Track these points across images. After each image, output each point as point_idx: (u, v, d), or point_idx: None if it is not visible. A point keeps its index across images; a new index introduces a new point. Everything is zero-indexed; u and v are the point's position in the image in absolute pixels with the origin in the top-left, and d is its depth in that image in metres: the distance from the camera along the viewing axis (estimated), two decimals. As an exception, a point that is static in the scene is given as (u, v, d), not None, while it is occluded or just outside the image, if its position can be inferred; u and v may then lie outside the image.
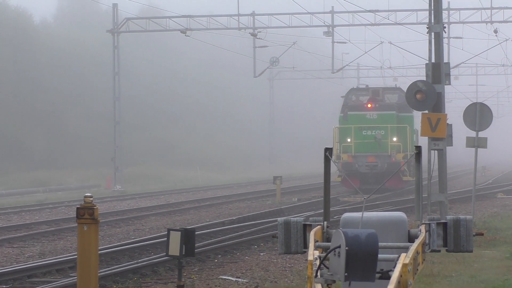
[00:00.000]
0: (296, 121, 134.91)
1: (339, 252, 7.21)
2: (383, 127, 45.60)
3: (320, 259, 7.52)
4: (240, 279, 20.95)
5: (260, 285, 20.04)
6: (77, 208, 11.76)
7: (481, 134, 34.21)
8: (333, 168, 44.54)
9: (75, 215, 11.79)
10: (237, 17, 67.26)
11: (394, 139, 46.29)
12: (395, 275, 7.36)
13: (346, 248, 7.23)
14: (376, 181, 45.07)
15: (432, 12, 34.51)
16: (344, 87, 77.63)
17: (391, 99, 52.62)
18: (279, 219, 10.56)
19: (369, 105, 47.23)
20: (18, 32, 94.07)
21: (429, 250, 10.24)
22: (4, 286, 20.10)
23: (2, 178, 73.85)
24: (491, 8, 61.17)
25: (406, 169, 44.73)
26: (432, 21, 34.73)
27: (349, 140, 47.35)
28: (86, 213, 11.63)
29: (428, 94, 33.02)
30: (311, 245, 8.79)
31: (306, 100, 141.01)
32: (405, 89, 37.51)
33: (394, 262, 7.87)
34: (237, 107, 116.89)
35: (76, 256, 12.32)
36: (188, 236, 16.04)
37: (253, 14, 67.62)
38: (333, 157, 46.24)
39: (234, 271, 22.27)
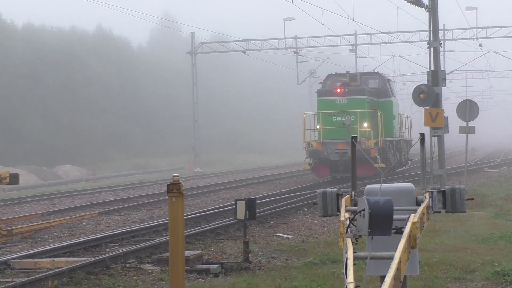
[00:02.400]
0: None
1: (363, 214, 7.19)
2: (352, 112, 35.93)
3: (349, 220, 7.52)
4: (290, 236, 20.91)
5: (305, 240, 19.99)
6: (168, 185, 11.75)
7: (470, 123, 34.03)
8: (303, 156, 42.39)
9: (167, 190, 11.78)
10: (283, 39, 67.17)
11: (365, 125, 36.52)
12: (406, 230, 7.35)
13: (369, 211, 7.22)
14: (346, 168, 36.07)
15: (431, 32, 34.41)
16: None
17: (371, 84, 41.89)
18: (318, 190, 10.56)
19: (338, 90, 37.34)
20: (120, 54, 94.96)
21: (432, 212, 10.21)
22: (115, 244, 20.20)
23: (111, 164, 74.24)
24: (477, 27, 60.68)
25: (377, 156, 35.36)
26: (431, 39, 34.57)
27: (318, 126, 38.24)
28: (174, 189, 11.63)
29: (429, 94, 32.87)
30: (343, 209, 8.78)
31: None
32: (410, 90, 37.35)
33: (405, 221, 7.84)
34: (285, 107, 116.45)
35: (167, 221, 12.30)
36: (250, 204, 16.04)
37: (295, 37, 67.40)
38: (304, 145, 38.74)
39: (285, 230, 22.22)
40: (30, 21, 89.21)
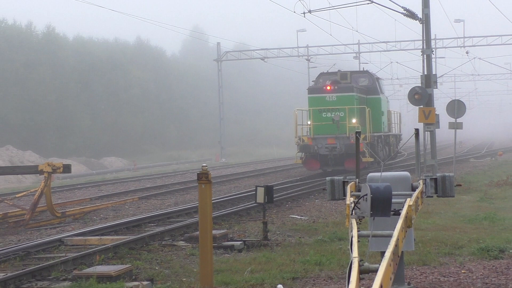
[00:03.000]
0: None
1: (366, 198, 7.18)
2: (341, 108, 33.36)
3: (354, 203, 7.51)
4: (302, 217, 20.87)
5: (315, 221, 19.95)
6: (198, 173, 11.73)
7: (458, 120, 33.91)
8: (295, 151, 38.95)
9: (197, 178, 11.78)
10: (296, 48, 67.22)
11: (353, 120, 33.88)
12: (403, 212, 7.34)
13: (371, 195, 7.21)
14: (335, 162, 34.26)
15: (424, 41, 34.26)
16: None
17: (361, 82, 38.80)
18: (327, 178, 10.59)
19: (328, 88, 34.51)
20: (156, 62, 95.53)
21: (425, 196, 10.20)
22: (153, 224, 20.22)
23: (149, 155, 74.56)
24: (464, 37, 60.44)
25: (365, 150, 32.83)
26: (424, 47, 34.42)
27: (309, 122, 35.23)
28: (203, 177, 11.62)
29: (422, 95, 32.75)
30: (348, 194, 8.79)
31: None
32: (406, 92, 37.32)
33: (402, 204, 7.83)
34: (298, 107, 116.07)
35: (198, 204, 12.30)
36: (268, 190, 16.03)
37: (307, 46, 67.45)
38: (295, 139, 36.19)
39: (298, 212, 22.18)
40: (80, 34, 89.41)
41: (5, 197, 26.12)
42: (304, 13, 36.69)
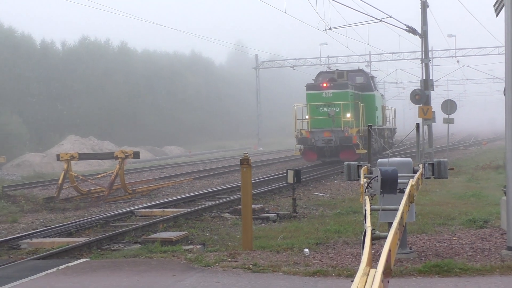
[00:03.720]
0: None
1: (377, 179, 7.18)
2: (337, 104, 30.44)
3: (367, 183, 7.49)
4: (324, 194, 20.82)
5: (335, 197, 19.90)
6: (240, 159, 11.76)
7: (451, 116, 33.74)
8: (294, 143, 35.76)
9: (240, 163, 11.82)
10: (319, 58, 67.07)
11: (348, 115, 30.98)
12: (407, 190, 7.29)
13: (381, 177, 7.19)
14: (331, 154, 31.48)
15: (423, 52, 34.12)
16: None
17: (357, 80, 35.51)
18: (345, 163, 10.53)
19: (324, 85, 31.74)
20: (207, 70, 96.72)
21: (424, 177, 10.12)
22: (204, 200, 20.29)
23: (200, 145, 74.91)
24: (455, 49, 60.02)
25: (358, 142, 30.40)
26: (423, 57, 34.24)
27: (307, 117, 32.24)
28: (245, 162, 11.63)
29: (422, 96, 32.55)
30: (362, 175, 8.75)
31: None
32: (408, 93, 36.36)
33: (406, 184, 7.78)
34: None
35: (240, 184, 12.33)
36: (297, 172, 16.03)
37: (328, 57, 67.32)
38: (295, 133, 32.76)
39: (321, 190, 22.12)
40: (146, 48, 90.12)
41: (89, 178, 26.38)
42: (325, 29, 36.61)
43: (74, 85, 71.48)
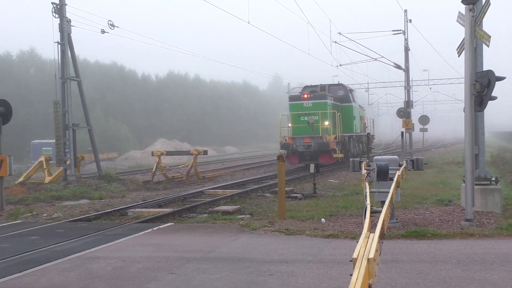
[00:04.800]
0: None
1: (374, 170, 7.13)
2: (316, 113, 25.59)
3: (367, 173, 7.44)
4: (335, 181, 20.63)
5: (343, 183, 19.71)
6: (277, 156, 11.74)
7: (425, 126, 33.26)
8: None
9: (276, 158, 11.79)
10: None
11: (326, 123, 25.89)
12: (395, 178, 7.17)
13: (377, 169, 7.12)
14: (311, 158, 25.77)
15: (405, 81, 33.65)
16: (371, 111, 75.14)
17: (337, 93, 29.72)
18: (350, 159, 10.43)
19: (305, 96, 26.69)
20: (253, 95, 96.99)
21: (407, 170, 9.95)
22: (252, 184, 20.26)
23: (249, 145, 75.23)
24: (428, 79, 59.16)
25: (335, 148, 25.39)
26: (406, 85, 33.78)
27: (289, 125, 27.10)
28: (280, 158, 11.61)
29: (405, 112, 32.20)
30: (363, 168, 8.66)
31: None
32: (395, 110, 35.57)
33: (394, 174, 7.67)
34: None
35: (277, 173, 12.30)
36: (317, 165, 15.93)
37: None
38: (280, 139, 26.68)
39: (333, 177, 21.92)
40: (213, 78, 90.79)
41: (172, 168, 26.66)
42: (337, 66, 36.63)
43: (163, 104, 72.61)
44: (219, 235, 9.71)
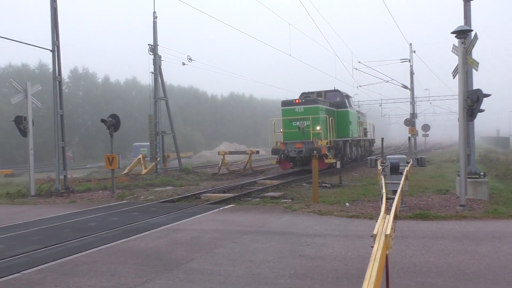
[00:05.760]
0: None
1: (388, 166, 6.93)
2: (307, 118, 20.46)
3: (382, 168, 7.24)
4: (356, 174, 20.13)
5: (363, 176, 19.25)
6: (313, 154, 11.60)
7: (427, 132, 32.09)
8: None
9: (312, 157, 11.62)
10: (356, 102, 64.86)
11: (318, 128, 20.58)
12: (404, 173, 6.96)
13: (390, 165, 6.92)
14: (303, 163, 20.63)
15: (411, 98, 32.50)
16: (384, 121, 72.89)
17: (333, 99, 23.86)
18: (368, 157, 10.16)
19: (297, 101, 21.50)
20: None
21: (413, 166, 9.60)
22: (292, 176, 19.98)
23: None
24: (429, 96, 56.96)
25: (327, 153, 19.89)
26: (411, 101, 32.62)
27: (282, 130, 21.58)
28: (315, 156, 11.43)
29: (411, 121, 31.12)
30: (379, 164, 8.42)
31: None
32: (403, 120, 34.28)
33: (404, 169, 7.43)
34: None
35: (309, 169, 12.10)
36: (342, 162, 15.61)
37: (358, 101, 65.16)
38: (273, 144, 20.97)
39: (355, 172, 21.39)
40: (263, 97, 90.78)
41: (233, 163, 26.76)
42: (357, 86, 35.89)
43: (226, 116, 73.32)
44: (268, 214, 9.68)
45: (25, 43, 14.85)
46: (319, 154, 19.00)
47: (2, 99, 49.86)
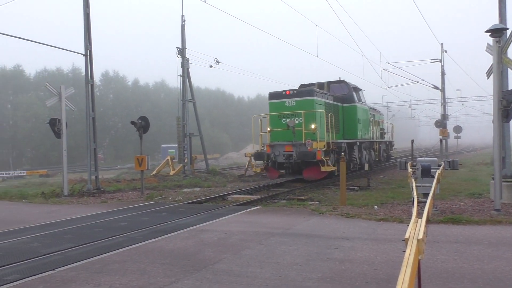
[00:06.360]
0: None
1: (419, 169, 6.76)
2: (300, 113, 14.60)
3: (412, 171, 7.08)
4: (385, 177, 19.73)
5: (392, 178, 18.86)
6: (340, 157, 11.41)
7: (458, 134, 31.20)
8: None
9: (340, 160, 11.47)
10: (382, 103, 63.50)
11: (313, 126, 14.68)
12: (436, 176, 6.78)
13: (421, 168, 6.75)
14: (293, 171, 15.42)
15: (442, 99, 31.64)
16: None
17: (338, 91, 18.52)
18: (397, 160, 9.94)
19: (287, 92, 15.20)
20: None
21: (445, 169, 9.33)
22: (320, 179, 19.83)
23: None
24: (461, 97, 55.24)
25: (323, 158, 14.55)
26: (442, 102, 31.75)
27: (268, 129, 15.78)
28: (342, 158, 11.28)
29: (441, 123, 30.29)
30: (409, 167, 8.23)
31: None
32: (433, 121, 33.38)
33: (435, 172, 7.24)
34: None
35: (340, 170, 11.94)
36: (370, 164, 15.37)
37: (387, 103, 63.87)
38: (259, 147, 16.60)
39: (383, 174, 20.99)
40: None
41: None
42: (386, 87, 35.34)
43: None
44: (295, 216, 9.62)
45: (60, 48, 15.38)
46: (312, 159, 14.93)
47: (38, 102, 51.73)
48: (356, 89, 19.55)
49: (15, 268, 5.80)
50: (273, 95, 16.34)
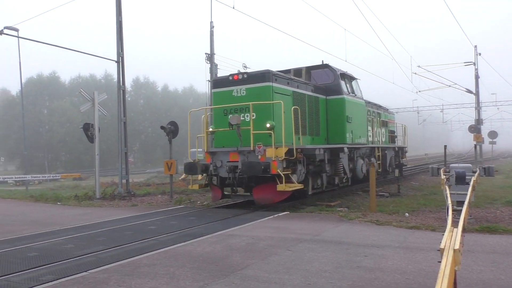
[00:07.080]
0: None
1: (453, 176, 6.54)
2: (249, 106, 7.69)
3: (446, 178, 6.86)
4: (416, 183, 19.28)
5: (422, 185, 18.36)
6: (370, 164, 11.20)
7: (494, 140, 30.11)
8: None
9: (369, 166, 11.25)
10: (412, 107, 62.09)
11: (268, 125, 8.33)
12: (471, 183, 6.55)
13: (455, 175, 6.53)
14: (247, 188, 9.13)
15: (476, 103, 30.59)
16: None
17: (322, 80, 11.88)
18: (429, 166, 9.67)
19: (235, 77, 8.53)
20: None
21: (480, 176, 9.01)
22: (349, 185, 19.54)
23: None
24: (496, 101, 53.43)
25: (280, 172, 8.32)
26: (476, 106, 30.71)
27: (207, 129, 9.85)
28: (372, 165, 11.07)
29: (475, 128, 29.31)
30: (442, 173, 7.99)
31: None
32: (467, 126, 32.34)
33: (471, 179, 6.99)
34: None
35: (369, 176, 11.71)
36: (400, 169, 15.05)
37: (417, 107, 62.36)
38: (194, 156, 11.97)
39: (414, 180, 20.48)
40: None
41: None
42: (417, 92, 34.67)
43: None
44: (323, 222, 9.49)
45: (93, 55, 15.87)
46: (262, 173, 9.90)
47: (72, 108, 53.47)
48: (345, 77, 13.55)
49: (50, 269, 5.96)
50: (217, 82, 10.96)
